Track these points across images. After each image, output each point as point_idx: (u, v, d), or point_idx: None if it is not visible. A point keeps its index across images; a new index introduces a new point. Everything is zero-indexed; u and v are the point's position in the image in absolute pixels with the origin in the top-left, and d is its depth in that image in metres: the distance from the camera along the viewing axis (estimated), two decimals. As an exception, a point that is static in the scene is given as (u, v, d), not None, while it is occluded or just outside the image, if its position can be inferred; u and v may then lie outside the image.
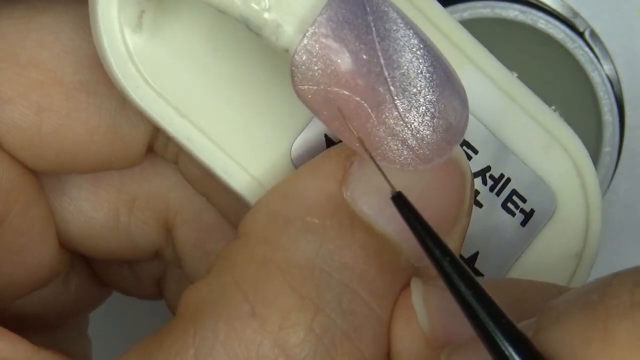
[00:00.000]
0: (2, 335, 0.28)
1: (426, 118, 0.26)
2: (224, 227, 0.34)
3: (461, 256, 0.30)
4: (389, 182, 0.25)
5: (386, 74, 0.25)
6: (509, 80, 0.30)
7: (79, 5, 0.30)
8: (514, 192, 0.30)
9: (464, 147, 0.30)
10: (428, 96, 0.26)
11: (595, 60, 0.38)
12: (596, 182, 0.31)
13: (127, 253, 0.35)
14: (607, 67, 0.39)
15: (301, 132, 0.29)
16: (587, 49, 0.38)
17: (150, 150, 0.32)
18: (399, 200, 0.25)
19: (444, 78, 0.26)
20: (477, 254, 0.31)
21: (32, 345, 0.28)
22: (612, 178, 0.40)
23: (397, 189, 0.28)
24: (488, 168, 0.30)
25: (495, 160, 0.30)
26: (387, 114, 0.26)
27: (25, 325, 0.33)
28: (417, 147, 0.26)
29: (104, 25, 0.27)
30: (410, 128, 0.26)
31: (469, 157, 0.30)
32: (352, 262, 0.27)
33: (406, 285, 0.28)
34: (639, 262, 0.41)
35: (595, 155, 0.40)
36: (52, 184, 0.33)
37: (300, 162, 0.29)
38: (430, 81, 0.26)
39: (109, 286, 0.37)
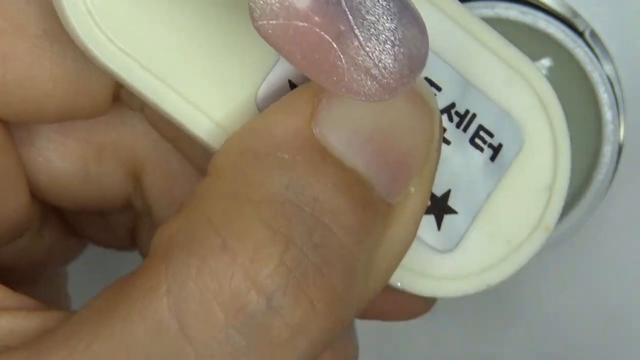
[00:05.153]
0: None
1: (387, 46, 0.26)
2: (190, 173, 0.34)
3: (433, 194, 0.30)
4: None
5: (344, 3, 0.26)
6: (467, 16, 0.31)
7: None
8: (481, 127, 0.31)
9: (427, 85, 0.30)
10: (387, 24, 0.26)
11: (595, 60, 0.38)
12: (561, 114, 0.31)
13: (98, 203, 0.35)
14: (607, 67, 0.39)
15: (265, 77, 0.29)
16: (587, 49, 0.38)
17: (116, 99, 0.32)
18: None
19: (400, 6, 0.26)
20: (449, 191, 0.31)
21: (3, 287, 0.28)
22: (612, 178, 0.40)
23: (366, 127, 0.28)
24: (453, 105, 0.30)
25: (460, 97, 0.30)
26: (348, 44, 0.26)
27: None
28: (380, 77, 0.26)
29: None
30: (372, 57, 0.26)
31: (433, 95, 0.30)
32: (323, 197, 0.27)
33: (379, 222, 0.28)
34: (639, 261, 0.41)
35: (595, 155, 0.39)
36: (21, 136, 0.33)
37: (265, 106, 0.29)
38: (388, 9, 0.26)
39: (83, 238, 0.37)
